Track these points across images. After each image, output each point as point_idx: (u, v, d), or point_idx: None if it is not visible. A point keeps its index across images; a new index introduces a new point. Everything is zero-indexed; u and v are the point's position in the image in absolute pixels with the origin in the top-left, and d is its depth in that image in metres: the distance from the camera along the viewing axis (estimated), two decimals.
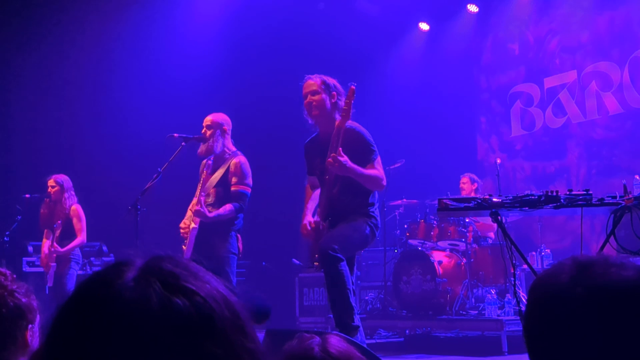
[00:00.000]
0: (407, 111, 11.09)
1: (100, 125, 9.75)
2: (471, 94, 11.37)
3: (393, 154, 9.03)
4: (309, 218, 5.05)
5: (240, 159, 5.91)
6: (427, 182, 9.96)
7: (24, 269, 8.37)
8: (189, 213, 6.02)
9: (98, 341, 0.79)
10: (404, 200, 9.04)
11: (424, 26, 11.45)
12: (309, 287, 9.16)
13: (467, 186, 8.62)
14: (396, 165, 8.58)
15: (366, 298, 8.63)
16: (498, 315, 7.02)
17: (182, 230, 5.90)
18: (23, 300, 2.23)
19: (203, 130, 5.98)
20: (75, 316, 0.83)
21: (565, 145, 10.07)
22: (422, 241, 8.11)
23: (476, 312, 7.42)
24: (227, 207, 5.72)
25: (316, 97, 5.02)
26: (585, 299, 1.10)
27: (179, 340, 0.80)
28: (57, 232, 7.41)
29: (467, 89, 11.34)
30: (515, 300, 6.44)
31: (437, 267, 7.60)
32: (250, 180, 5.91)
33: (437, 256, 7.79)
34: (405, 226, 8.43)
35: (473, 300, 7.62)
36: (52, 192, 7.58)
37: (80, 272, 7.86)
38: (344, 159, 4.61)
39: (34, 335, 2.27)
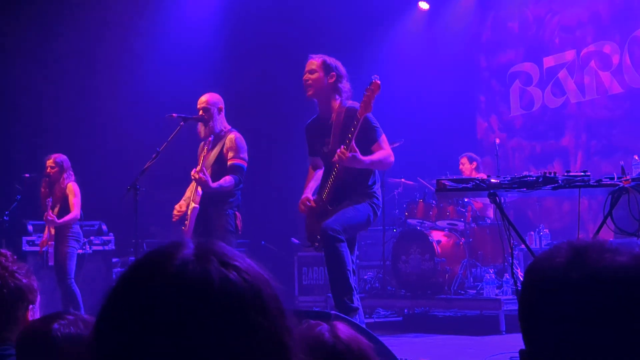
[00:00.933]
0: (407, 90, 11.06)
1: (99, 105, 9.74)
2: (471, 73, 11.34)
3: (392, 133, 9.00)
4: (308, 196, 5.07)
5: (235, 134, 5.94)
6: (427, 161, 9.97)
7: (23, 248, 8.40)
8: (187, 194, 6.03)
9: (163, 310, 0.86)
10: (403, 179, 9.05)
11: (424, 5, 11.39)
12: (308, 267, 9.20)
13: (467, 166, 8.63)
14: (395, 145, 8.57)
15: (365, 277, 8.67)
16: (496, 295, 7.07)
17: (175, 213, 5.92)
18: (24, 280, 2.25)
19: (200, 113, 5.97)
20: (140, 286, 0.90)
21: (564, 124, 10.06)
22: (421, 221, 8.14)
23: (474, 291, 7.47)
24: (227, 179, 5.73)
25: (313, 76, 5.05)
26: (579, 284, 1.11)
27: (233, 311, 0.88)
28: (55, 209, 7.44)
29: (466, 68, 11.30)
30: (513, 280, 6.48)
31: (435, 247, 7.64)
32: (245, 155, 5.94)
33: (436, 236, 7.82)
34: (404, 206, 8.45)
35: (471, 279, 7.66)
36: (51, 173, 7.59)
37: (80, 250, 7.89)
38: (353, 154, 4.61)
39: (34, 315, 2.30)
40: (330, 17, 10.76)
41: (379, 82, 4.71)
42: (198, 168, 5.66)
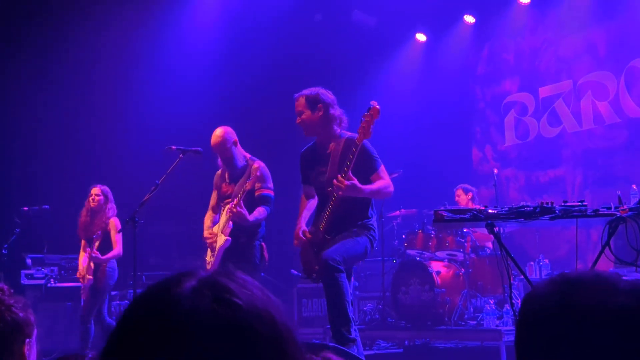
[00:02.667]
0: (404, 121, 11.12)
1: (97, 138, 9.77)
2: (467, 103, 11.42)
3: (390, 164, 9.04)
4: (302, 227, 5.06)
5: (259, 163, 5.97)
6: (425, 191, 9.99)
7: (22, 282, 8.38)
8: (207, 223, 6.03)
9: (154, 342, 0.88)
10: (402, 210, 9.06)
11: (421, 37, 11.50)
12: (308, 298, 9.16)
13: (462, 198, 8.65)
14: (394, 176, 8.58)
15: (365, 309, 8.63)
16: (497, 326, 7.03)
17: (209, 235, 5.92)
18: (20, 314, 2.24)
19: (219, 159, 5.97)
20: (136, 318, 0.92)
21: (560, 154, 10.10)
22: (421, 251, 8.12)
23: (475, 322, 7.43)
24: (260, 210, 5.78)
25: (303, 117, 5.08)
26: (571, 320, 1.11)
27: (220, 349, 0.88)
28: (97, 243, 7.34)
29: (463, 99, 11.38)
30: (513, 310, 6.45)
31: (435, 278, 7.61)
32: (271, 184, 6.00)
33: (436, 266, 7.80)
34: (404, 236, 8.44)
35: (472, 310, 7.62)
36: (95, 201, 7.46)
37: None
38: (352, 182, 4.61)
39: (31, 349, 2.29)
40: (329, 48, 10.86)
41: (378, 107, 4.74)
42: (236, 202, 5.62)
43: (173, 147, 6.04)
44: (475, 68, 11.39)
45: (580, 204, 4.03)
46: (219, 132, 5.93)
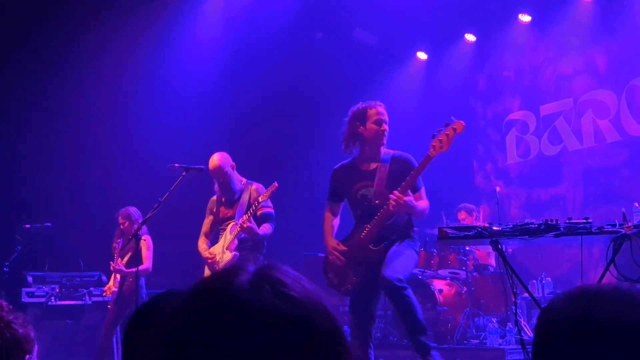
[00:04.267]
0: (404, 138, 11.12)
1: (99, 155, 9.77)
2: (468, 121, 11.40)
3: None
4: (335, 243, 5.16)
5: (256, 185, 6.26)
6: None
7: (23, 300, 8.34)
8: (205, 254, 6.20)
9: (216, 335, 0.89)
10: None
11: (422, 55, 11.56)
12: None
13: (468, 220, 8.61)
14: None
15: None
16: (500, 345, 6.99)
17: (209, 256, 6.12)
18: (20, 331, 2.24)
19: (216, 186, 6.22)
20: (196, 310, 0.92)
21: (561, 172, 10.11)
22: (423, 270, 8.11)
23: (477, 341, 7.40)
24: (266, 226, 6.05)
25: (387, 127, 5.21)
26: (589, 337, 1.10)
27: (284, 342, 0.89)
28: (126, 257, 7.39)
29: (464, 117, 11.28)
30: (516, 329, 6.42)
31: (437, 296, 7.59)
32: (271, 203, 6.24)
33: (438, 285, 7.79)
34: None
35: (474, 329, 7.59)
36: (124, 228, 7.57)
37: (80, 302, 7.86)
38: (409, 198, 4.79)
39: None
40: (330, 66, 10.90)
41: (463, 123, 4.87)
42: (245, 218, 5.86)
43: (176, 165, 6.07)
44: (476, 86, 11.43)
45: (585, 221, 4.03)
46: (216, 157, 6.17)
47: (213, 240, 6.43)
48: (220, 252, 6.04)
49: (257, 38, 10.28)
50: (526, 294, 5.94)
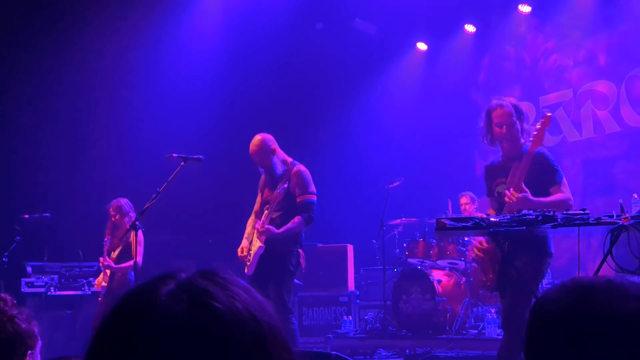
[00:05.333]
0: (406, 130, 11.15)
1: (99, 146, 9.78)
2: (469, 112, 11.42)
3: (391, 172, 9.07)
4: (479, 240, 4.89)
5: (299, 167, 5.91)
6: (426, 200, 9.99)
7: (22, 290, 8.36)
8: (248, 230, 5.98)
9: (129, 349, 0.85)
10: (403, 219, 9.06)
11: (422, 46, 11.53)
12: (309, 307, 9.14)
13: (469, 207, 8.63)
14: (395, 184, 8.60)
15: (366, 317, 8.62)
16: (498, 335, 7.01)
17: (242, 256, 5.84)
18: (23, 326, 2.23)
19: (260, 166, 5.93)
20: (115, 323, 0.90)
21: (561, 163, 10.06)
22: (422, 260, 8.12)
23: (476, 331, 7.42)
24: (296, 220, 5.70)
25: (511, 128, 4.95)
26: (581, 328, 1.10)
27: (197, 355, 0.85)
28: (116, 252, 7.33)
29: (464, 108, 11.39)
30: None
31: (436, 286, 7.61)
32: (313, 188, 5.88)
33: (437, 275, 7.80)
34: (405, 245, 8.45)
35: (473, 319, 7.62)
36: (115, 220, 7.49)
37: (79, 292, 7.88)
38: (524, 194, 4.49)
39: None
40: (330, 56, 10.89)
41: (550, 115, 4.73)
42: (261, 223, 5.66)
43: (174, 155, 6.04)
44: (476, 77, 11.41)
45: (582, 212, 4.03)
46: (256, 140, 5.91)
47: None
48: (254, 239, 5.82)
49: (257, 29, 10.25)
50: None
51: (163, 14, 9.75)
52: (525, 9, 10.43)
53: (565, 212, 4.06)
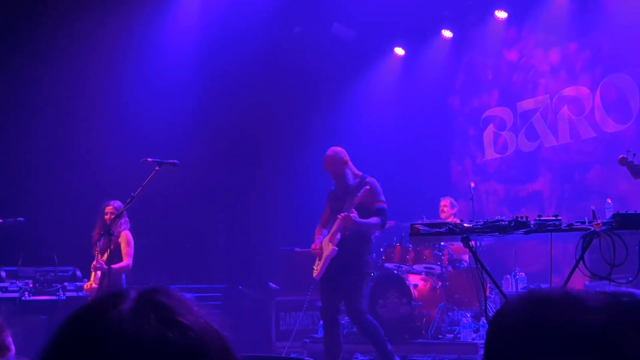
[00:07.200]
0: (383, 134, 11.18)
1: (73, 150, 9.69)
2: (445, 117, 11.49)
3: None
4: None
5: (371, 179, 6.35)
6: (403, 205, 10.00)
7: None
8: (316, 236, 6.37)
9: None
10: None
11: (400, 51, 11.58)
12: (286, 312, 9.12)
13: (448, 209, 8.68)
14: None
15: (343, 322, 8.60)
16: (473, 339, 7.05)
17: (315, 250, 6.23)
18: None
19: (332, 175, 6.35)
20: (72, 345, 0.84)
21: (538, 168, 10.18)
22: (398, 264, 8.13)
23: (452, 335, 7.44)
24: (374, 219, 6.09)
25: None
26: (538, 341, 1.10)
27: None
28: (105, 254, 7.23)
29: (441, 113, 11.46)
30: (488, 325, 6.46)
31: (412, 291, 7.62)
32: (383, 197, 6.33)
33: (413, 279, 7.82)
34: (381, 249, 8.45)
35: (448, 323, 7.64)
36: (108, 218, 7.35)
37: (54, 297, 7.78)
38: None
39: None
40: (308, 60, 10.89)
41: None
42: (323, 220, 6.21)
43: (149, 159, 6.01)
44: (454, 82, 11.47)
45: (554, 218, 4.06)
46: (331, 151, 6.38)
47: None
48: (326, 243, 6.15)
49: (235, 33, 10.23)
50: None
51: (140, 17, 9.70)
52: (501, 15, 10.51)
53: (537, 218, 4.08)
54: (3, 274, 8.48)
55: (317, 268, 6.15)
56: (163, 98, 10.04)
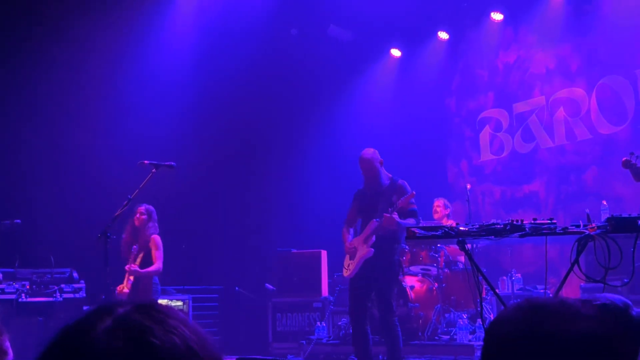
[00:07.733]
0: (379, 135, 11.19)
1: (70, 152, 9.68)
2: (442, 118, 11.51)
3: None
4: None
5: (402, 182, 6.47)
6: None
7: None
8: (345, 235, 6.42)
9: None
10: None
11: (396, 52, 11.59)
12: (282, 313, 9.13)
13: (441, 210, 8.70)
14: None
15: (339, 323, 8.61)
16: (469, 341, 7.06)
17: (350, 249, 6.29)
18: None
19: (366, 175, 6.42)
20: None
21: (534, 170, 10.20)
22: None
23: (448, 337, 7.46)
24: (410, 220, 6.14)
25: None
26: (534, 350, 1.12)
27: None
28: (138, 258, 7.24)
29: (437, 114, 11.47)
30: (484, 327, 6.48)
31: (409, 292, 7.64)
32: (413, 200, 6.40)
33: (410, 281, 7.83)
34: None
35: (445, 325, 7.65)
36: (139, 220, 7.36)
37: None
38: None
39: None
40: (305, 62, 10.91)
41: None
42: (349, 218, 6.31)
43: (146, 161, 6.02)
44: (450, 84, 11.49)
45: (549, 221, 4.07)
46: (367, 153, 6.49)
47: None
48: (360, 244, 6.22)
49: (232, 34, 10.25)
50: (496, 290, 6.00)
51: (138, 19, 9.70)
52: (497, 17, 10.53)
53: (533, 222, 4.10)
54: (0, 275, 8.48)
55: (349, 267, 6.23)
56: (160, 100, 10.04)
